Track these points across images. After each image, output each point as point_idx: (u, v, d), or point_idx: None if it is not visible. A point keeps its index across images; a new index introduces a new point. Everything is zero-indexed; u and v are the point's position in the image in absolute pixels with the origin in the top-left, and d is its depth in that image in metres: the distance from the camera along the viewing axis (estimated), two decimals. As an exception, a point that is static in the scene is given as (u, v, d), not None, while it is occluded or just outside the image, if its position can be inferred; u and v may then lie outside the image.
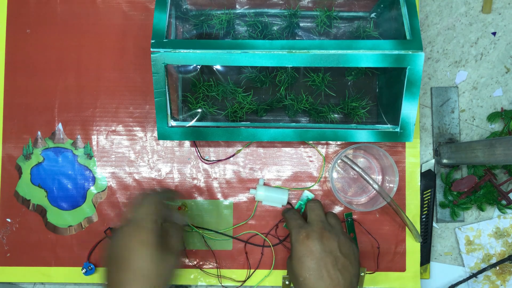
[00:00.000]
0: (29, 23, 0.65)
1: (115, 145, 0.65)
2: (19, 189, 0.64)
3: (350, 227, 0.63)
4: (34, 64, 0.65)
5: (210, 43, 0.52)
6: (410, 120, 0.55)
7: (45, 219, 0.64)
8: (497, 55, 0.66)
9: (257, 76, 0.61)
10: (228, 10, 0.61)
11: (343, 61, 0.52)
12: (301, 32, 0.62)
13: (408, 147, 0.64)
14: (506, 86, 0.66)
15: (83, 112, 0.65)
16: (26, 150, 0.64)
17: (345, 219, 0.64)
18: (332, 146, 0.65)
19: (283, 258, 0.63)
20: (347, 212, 0.64)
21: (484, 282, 0.65)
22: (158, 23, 0.53)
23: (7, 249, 0.64)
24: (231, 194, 0.64)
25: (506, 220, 0.65)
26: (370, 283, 0.64)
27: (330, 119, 0.62)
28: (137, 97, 0.65)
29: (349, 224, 0.63)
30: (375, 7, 0.62)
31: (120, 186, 0.64)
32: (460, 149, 0.60)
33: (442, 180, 0.65)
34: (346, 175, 0.65)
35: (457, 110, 0.66)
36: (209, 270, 0.63)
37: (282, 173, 0.64)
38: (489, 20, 0.66)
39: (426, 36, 0.66)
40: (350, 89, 0.63)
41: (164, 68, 0.52)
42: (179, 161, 0.65)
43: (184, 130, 0.56)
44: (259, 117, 0.63)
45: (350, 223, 0.63)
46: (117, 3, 0.65)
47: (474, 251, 0.65)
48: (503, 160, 0.51)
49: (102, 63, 0.65)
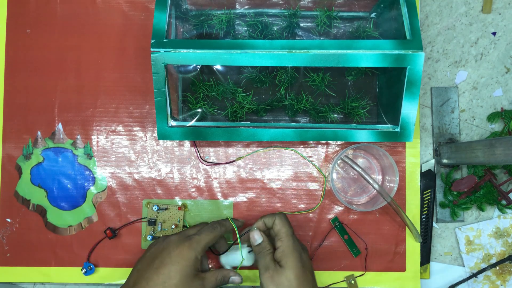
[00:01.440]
0: (29, 23, 0.65)
1: (115, 145, 0.65)
2: (19, 189, 0.64)
3: (342, 231, 0.63)
4: (34, 64, 0.65)
5: (210, 43, 0.52)
6: (410, 120, 0.55)
7: (45, 219, 0.64)
8: (497, 55, 0.66)
9: (257, 76, 0.61)
10: (228, 10, 0.61)
11: (343, 61, 0.52)
12: (301, 32, 0.62)
13: (408, 147, 0.64)
14: (506, 86, 0.66)
15: (83, 112, 0.65)
16: (26, 150, 0.64)
17: (333, 225, 0.64)
18: (332, 146, 0.65)
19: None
20: (345, 212, 0.64)
21: (484, 282, 0.65)
22: (158, 23, 0.53)
23: (7, 249, 0.64)
24: (231, 194, 0.64)
25: (506, 220, 0.65)
26: (370, 283, 0.64)
27: (330, 119, 0.62)
28: (137, 97, 0.65)
29: (339, 228, 0.63)
30: (375, 7, 0.62)
31: (120, 186, 0.64)
32: (460, 149, 0.60)
33: (442, 180, 0.65)
34: (346, 175, 0.65)
35: (457, 110, 0.66)
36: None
37: (282, 173, 0.64)
38: (489, 20, 0.66)
39: (426, 36, 0.66)
40: (350, 89, 0.63)
41: (164, 68, 0.52)
42: (179, 161, 0.64)
43: (184, 130, 0.56)
44: (259, 117, 0.63)
45: (339, 227, 0.63)
46: (117, 3, 0.65)
47: (474, 251, 0.65)
48: (503, 160, 0.51)
49: (102, 63, 0.65)
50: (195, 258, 0.53)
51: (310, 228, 0.64)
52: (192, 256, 0.53)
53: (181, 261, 0.52)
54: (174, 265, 0.52)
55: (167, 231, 0.62)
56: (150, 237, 0.62)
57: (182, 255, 0.52)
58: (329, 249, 0.64)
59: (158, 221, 0.63)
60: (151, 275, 0.52)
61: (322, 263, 0.64)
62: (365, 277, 0.63)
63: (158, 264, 0.52)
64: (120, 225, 0.64)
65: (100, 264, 0.63)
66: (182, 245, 0.53)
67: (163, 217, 0.63)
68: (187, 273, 0.52)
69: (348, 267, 0.64)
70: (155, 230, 0.62)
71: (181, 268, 0.52)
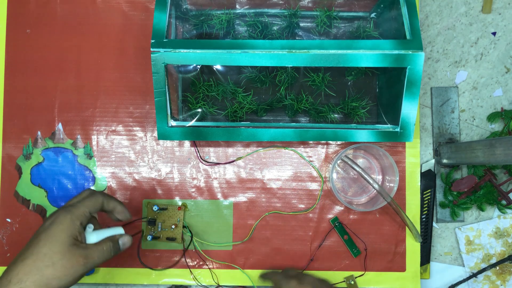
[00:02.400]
0: (29, 23, 0.65)
1: (115, 145, 0.65)
2: (19, 189, 0.64)
3: (341, 231, 0.63)
4: (34, 64, 0.65)
5: (210, 43, 0.52)
6: (410, 120, 0.55)
7: (45, 219, 0.64)
8: (497, 55, 0.66)
9: (257, 76, 0.61)
10: (228, 10, 0.61)
11: (343, 61, 0.52)
12: (301, 32, 0.62)
13: (408, 147, 0.64)
14: (506, 86, 0.66)
15: (83, 112, 0.65)
16: (26, 150, 0.64)
17: (333, 225, 0.64)
18: (332, 146, 0.65)
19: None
20: (345, 212, 0.64)
21: (484, 282, 0.65)
22: (158, 23, 0.53)
23: (7, 249, 0.64)
24: (231, 194, 0.64)
25: (506, 220, 0.65)
26: (370, 283, 0.64)
27: (330, 119, 0.62)
28: (137, 97, 0.65)
29: (339, 229, 0.63)
30: (375, 7, 0.62)
31: (120, 186, 0.64)
32: (460, 149, 0.60)
33: (442, 180, 0.65)
34: (346, 175, 0.65)
35: (457, 110, 0.66)
36: (208, 270, 0.63)
37: (282, 173, 0.64)
38: (489, 20, 0.66)
39: (426, 36, 0.66)
40: (350, 89, 0.63)
41: (164, 68, 0.52)
42: (179, 161, 0.64)
43: (184, 130, 0.56)
44: (259, 117, 0.63)
45: (339, 227, 0.63)
46: (117, 3, 0.65)
47: (474, 251, 0.65)
48: (503, 160, 0.51)
49: (102, 63, 0.65)
50: (71, 222, 0.46)
51: (310, 228, 0.64)
52: (66, 220, 0.46)
53: (52, 227, 0.46)
54: (44, 232, 0.46)
55: (167, 231, 0.62)
56: (150, 237, 0.62)
57: (55, 221, 0.46)
58: (329, 249, 0.64)
59: (158, 221, 0.62)
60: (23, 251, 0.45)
61: (322, 263, 0.64)
62: (365, 277, 0.63)
63: (32, 237, 0.46)
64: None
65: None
66: (57, 211, 0.48)
67: (163, 217, 0.63)
68: (62, 240, 0.45)
69: (348, 267, 0.64)
70: (155, 230, 0.62)
71: (53, 234, 0.45)
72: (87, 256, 0.46)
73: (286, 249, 0.64)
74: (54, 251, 0.45)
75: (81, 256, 0.46)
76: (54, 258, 0.44)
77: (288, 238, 0.64)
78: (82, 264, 0.46)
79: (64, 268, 0.45)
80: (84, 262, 0.46)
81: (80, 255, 0.46)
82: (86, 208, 0.48)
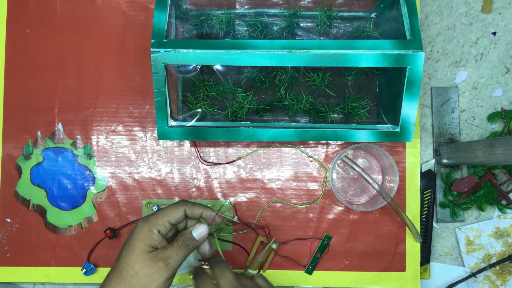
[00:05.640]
0: (29, 23, 0.65)
1: (115, 145, 0.65)
2: (19, 189, 0.64)
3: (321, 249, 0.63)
4: (34, 64, 0.65)
5: (210, 43, 0.52)
6: (410, 120, 0.55)
7: (45, 219, 0.64)
8: (497, 55, 0.66)
9: (257, 76, 0.61)
10: (228, 10, 0.61)
11: (343, 61, 0.52)
12: (301, 32, 0.62)
13: (408, 147, 0.64)
14: (506, 86, 0.66)
15: (83, 112, 0.65)
16: (26, 150, 0.64)
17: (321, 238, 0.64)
18: (332, 146, 0.65)
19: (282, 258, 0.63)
20: (345, 212, 0.64)
21: (484, 282, 0.65)
22: (158, 23, 0.53)
23: (7, 249, 0.64)
24: (231, 194, 0.64)
25: (506, 220, 0.65)
26: (370, 283, 0.64)
27: (330, 119, 0.62)
28: (137, 97, 0.65)
29: (322, 246, 0.63)
30: (375, 7, 0.62)
31: (120, 186, 0.64)
32: (460, 149, 0.60)
33: (442, 180, 0.65)
34: (346, 175, 0.65)
35: (457, 110, 0.66)
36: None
37: (282, 173, 0.64)
38: (489, 20, 0.66)
39: (426, 36, 0.66)
40: (350, 89, 0.63)
41: (164, 68, 0.52)
42: (179, 161, 0.64)
43: (184, 130, 0.56)
44: (259, 117, 0.63)
45: (324, 244, 0.63)
46: (117, 3, 0.65)
47: (474, 251, 0.65)
48: (503, 160, 0.51)
49: (102, 63, 0.65)
50: (148, 231, 0.47)
51: (310, 228, 0.64)
52: (144, 229, 0.48)
53: (131, 237, 0.47)
54: (126, 243, 0.47)
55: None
56: (150, 237, 0.62)
57: (134, 231, 0.48)
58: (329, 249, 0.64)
59: (158, 221, 0.62)
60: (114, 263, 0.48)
61: (321, 263, 0.64)
62: (365, 277, 0.63)
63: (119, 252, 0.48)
64: (120, 225, 0.64)
65: (100, 264, 0.63)
66: (137, 222, 0.49)
67: (163, 217, 0.63)
68: (140, 249, 0.47)
69: (348, 267, 0.64)
70: (155, 230, 0.62)
71: (132, 244, 0.47)
72: (166, 258, 0.47)
73: (286, 249, 0.64)
74: (135, 261, 0.46)
75: (161, 260, 0.47)
76: (136, 268, 0.46)
77: (288, 238, 0.64)
78: (164, 267, 0.47)
79: (147, 275, 0.46)
80: (165, 265, 0.47)
81: (159, 260, 0.47)
82: (165, 217, 0.49)
